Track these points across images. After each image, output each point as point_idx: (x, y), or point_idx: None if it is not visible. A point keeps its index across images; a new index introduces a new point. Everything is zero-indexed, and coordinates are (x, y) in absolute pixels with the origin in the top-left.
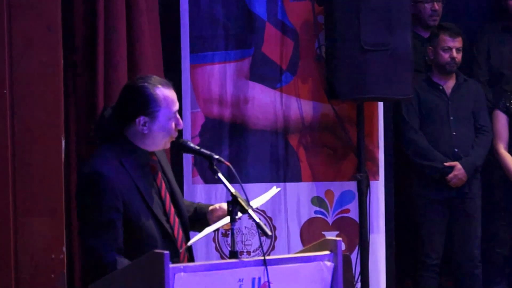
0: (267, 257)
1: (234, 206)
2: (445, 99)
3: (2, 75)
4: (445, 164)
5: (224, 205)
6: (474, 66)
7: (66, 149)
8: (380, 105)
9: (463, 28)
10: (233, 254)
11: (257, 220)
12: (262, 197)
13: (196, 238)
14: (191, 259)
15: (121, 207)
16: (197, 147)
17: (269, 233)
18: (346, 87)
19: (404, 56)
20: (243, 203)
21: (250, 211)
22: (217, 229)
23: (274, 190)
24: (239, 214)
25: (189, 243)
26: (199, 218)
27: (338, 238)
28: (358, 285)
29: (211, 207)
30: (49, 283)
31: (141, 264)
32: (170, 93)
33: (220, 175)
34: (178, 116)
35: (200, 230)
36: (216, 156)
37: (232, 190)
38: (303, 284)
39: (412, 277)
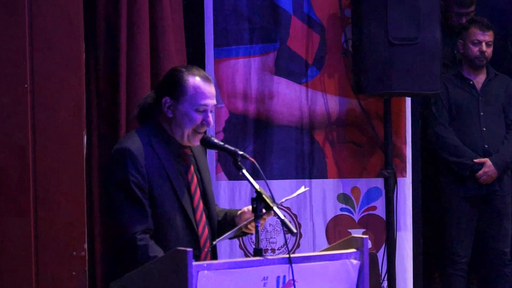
0: (292, 255)
1: (259, 203)
2: (475, 95)
3: (24, 70)
4: (475, 160)
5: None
6: (508, 60)
7: (88, 147)
8: (408, 100)
9: (495, 24)
10: (258, 252)
11: (282, 217)
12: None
13: (221, 238)
14: (214, 258)
15: (147, 188)
16: (221, 143)
17: (294, 230)
18: (373, 82)
19: (433, 50)
20: (268, 200)
21: (275, 208)
22: (244, 233)
23: (302, 189)
24: (264, 211)
25: (214, 242)
26: (228, 222)
27: (364, 236)
28: (385, 283)
29: (239, 211)
30: (70, 280)
31: (164, 261)
32: (204, 86)
33: (244, 171)
34: (209, 113)
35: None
36: (241, 152)
37: (257, 186)
38: (329, 282)
39: (440, 275)
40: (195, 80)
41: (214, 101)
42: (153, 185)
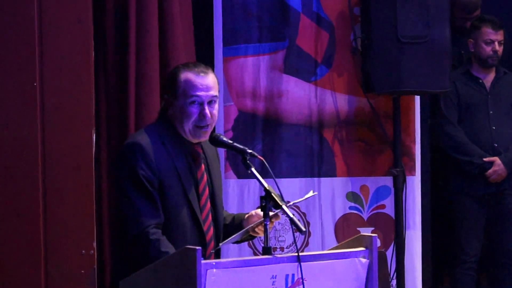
0: (301, 254)
1: (268, 201)
2: (485, 93)
3: (33, 67)
4: (484, 159)
5: (260, 211)
6: None
7: (97, 145)
8: (417, 98)
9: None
10: (266, 250)
11: (291, 215)
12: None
13: (227, 240)
14: (216, 257)
15: (157, 183)
16: (230, 141)
17: (303, 229)
18: (382, 80)
19: (442, 48)
20: (277, 198)
21: (284, 206)
22: (252, 236)
23: (310, 193)
24: (273, 210)
25: (221, 244)
26: (236, 226)
27: (373, 235)
28: (394, 282)
29: (247, 215)
30: (79, 279)
31: (172, 260)
32: (195, 78)
33: (253, 169)
34: (205, 106)
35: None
36: (249, 151)
37: (266, 185)
38: (338, 281)
39: (449, 274)
40: (186, 74)
41: (209, 93)
42: (163, 179)
